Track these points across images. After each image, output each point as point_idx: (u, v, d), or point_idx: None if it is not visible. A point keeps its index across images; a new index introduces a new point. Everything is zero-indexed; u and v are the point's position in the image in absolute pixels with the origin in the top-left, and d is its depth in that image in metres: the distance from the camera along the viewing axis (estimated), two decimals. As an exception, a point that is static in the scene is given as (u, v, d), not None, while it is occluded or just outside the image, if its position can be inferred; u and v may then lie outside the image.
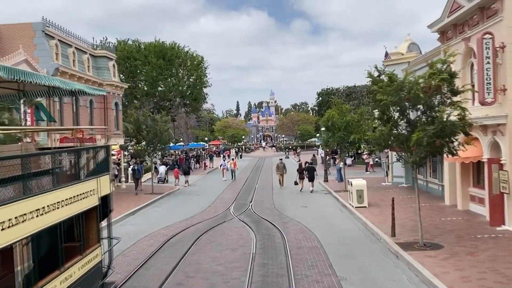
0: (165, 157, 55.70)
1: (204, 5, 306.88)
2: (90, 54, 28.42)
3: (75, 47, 26.30)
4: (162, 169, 32.77)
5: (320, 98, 55.27)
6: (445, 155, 13.51)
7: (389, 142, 13.21)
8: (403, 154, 13.51)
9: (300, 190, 27.05)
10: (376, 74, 13.40)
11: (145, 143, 26.90)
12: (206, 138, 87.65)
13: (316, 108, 57.37)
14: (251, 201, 23.67)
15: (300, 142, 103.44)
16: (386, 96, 11.68)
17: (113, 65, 30.42)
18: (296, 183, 27.77)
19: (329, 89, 55.35)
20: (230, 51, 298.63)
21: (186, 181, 31.66)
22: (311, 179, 26.95)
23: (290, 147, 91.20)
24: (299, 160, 38.89)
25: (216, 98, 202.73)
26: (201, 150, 72.55)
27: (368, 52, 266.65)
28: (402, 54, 27.67)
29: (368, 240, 14.50)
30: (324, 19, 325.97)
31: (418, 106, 12.53)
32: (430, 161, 24.37)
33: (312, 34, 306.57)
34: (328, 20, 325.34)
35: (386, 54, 30.60)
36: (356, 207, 19.89)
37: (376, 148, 13.48)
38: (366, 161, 39.80)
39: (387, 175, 28.98)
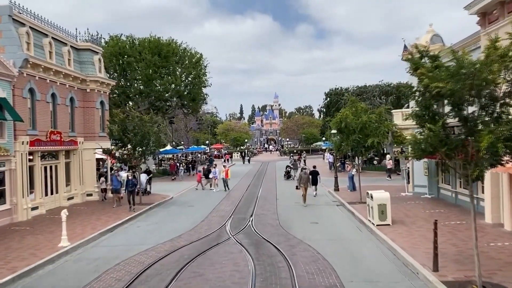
0: (162, 162, 52.55)
1: (208, 10, 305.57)
2: (71, 46, 25.18)
3: (52, 37, 23.06)
4: (142, 178, 27.16)
5: (328, 99, 51.53)
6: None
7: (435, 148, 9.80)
8: (453, 164, 10.12)
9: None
10: (414, 56, 10.10)
11: (131, 146, 23.58)
12: (207, 142, 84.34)
13: (324, 110, 53.56)
14: (251, 215, 20.29)
15: (305, 145, 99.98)
16: (443, 83, 8.25)
17: (99, 60, 27.17)
18: (297, 188, 26.91)
19: (337, 89, 51.69)
20: (234, 55, 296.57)
21: (210, 185, 31.45)
22: (314, 183, 26.09)
23: (295, 151, 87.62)
24: (304, 165, 35.45)
25: (220, 102, 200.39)
26: (197, 154, 69.27)
27: (372, 56, 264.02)
28: (425, 47, 24.21)
29: (402, 275, 11.07)
30: (328, 23, 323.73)
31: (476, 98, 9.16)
32: (460, 168, 20.95)
33: (316, 38, 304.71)
34: (332, 24, 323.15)
35: (405, 47, 27.28)
36: (377, 225, 16.50)
37: (415, 155, 10.00)
38: (388, 167, 35.60)
39: (407, 183, 25.48)
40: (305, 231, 16.39)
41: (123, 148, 24.06)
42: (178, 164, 36.43)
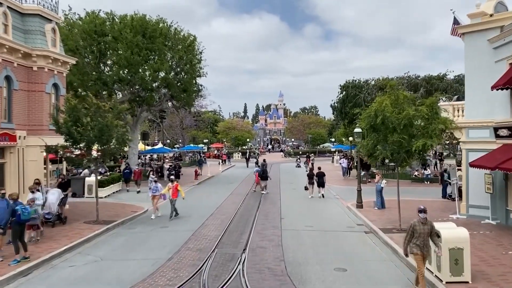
0: (153, 163, 46.19)
1: (217, 9, 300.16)
2: (10, 7, 18.77)
3: (-25, -9, 16.72)
4: (52, 196, 17.16)
5: (344, 92, 44.33)
6: None
7: None
8: None
9: (310, 197, 25.69)
10: None
11: (84, 144, 17.24)
12: (205, 140, 77.80)
13: (338, 105, 46.36)
14: (244, 249, 13.76)
15: (311, 147, 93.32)
16: None
17: (53, 29, 20.72)
18: (306, 188, 26.34)
19: (355, 81, 44.72)
20: (240, 55, 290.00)
21: (263, 188, 28.49)
22: (321, 184, 25.86)
23: (301, 152, 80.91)
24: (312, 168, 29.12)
25: (225, 101, 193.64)
26: (188, 154, 62.75)
27: (379, 59, 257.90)
28: (491, 15, 17.73)
29: None
30: (336, 25, 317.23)
31: None
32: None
33: (324, 40, 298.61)
34: (340, 26, 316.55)
35: (455, 21, 20.78)
36: (448, 283, 10.02)
37: None
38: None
39: (459, 201, 18.88)
40: (329, 291, 9.91)
41: (73, 146, 17.70)
42: (153, 171, 28.06)
